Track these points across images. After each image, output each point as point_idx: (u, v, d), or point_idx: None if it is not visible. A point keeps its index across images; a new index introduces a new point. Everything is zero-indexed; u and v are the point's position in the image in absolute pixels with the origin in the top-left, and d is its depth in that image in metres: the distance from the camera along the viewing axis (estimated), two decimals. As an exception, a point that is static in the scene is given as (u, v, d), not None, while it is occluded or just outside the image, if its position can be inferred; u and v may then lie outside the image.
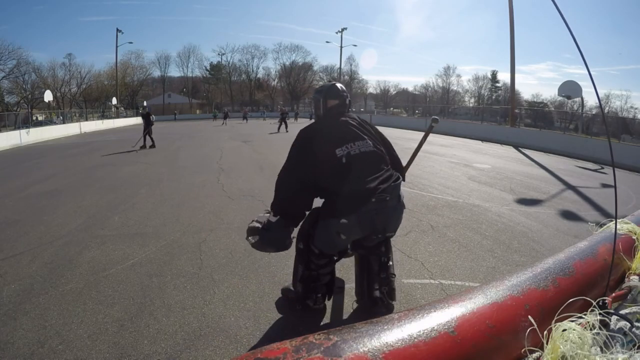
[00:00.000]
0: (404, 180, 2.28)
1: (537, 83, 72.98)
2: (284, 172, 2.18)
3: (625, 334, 0.63)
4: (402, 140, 15.80)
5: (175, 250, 3.60)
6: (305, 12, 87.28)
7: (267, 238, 2.12)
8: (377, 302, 2.23)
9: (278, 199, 2.17)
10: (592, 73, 0.64)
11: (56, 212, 4.97)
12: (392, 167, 2.20)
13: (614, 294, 0.81)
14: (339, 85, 2.40)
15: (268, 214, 2.18)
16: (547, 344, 0.59)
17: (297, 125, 25.01)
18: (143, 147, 12.69)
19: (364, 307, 2.38)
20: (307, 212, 2.21)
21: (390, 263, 2.31)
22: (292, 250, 2.35)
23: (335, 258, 2.34)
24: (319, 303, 2.35)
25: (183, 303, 2.62)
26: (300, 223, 2.25)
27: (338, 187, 2.00)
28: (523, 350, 0.59)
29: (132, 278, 3.01)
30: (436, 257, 3.44)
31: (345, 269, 3.07)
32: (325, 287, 2.34)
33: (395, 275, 2.35)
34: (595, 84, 0.68)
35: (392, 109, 55.15)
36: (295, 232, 2.29)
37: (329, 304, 2.53)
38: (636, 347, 0.61)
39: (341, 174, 2.00)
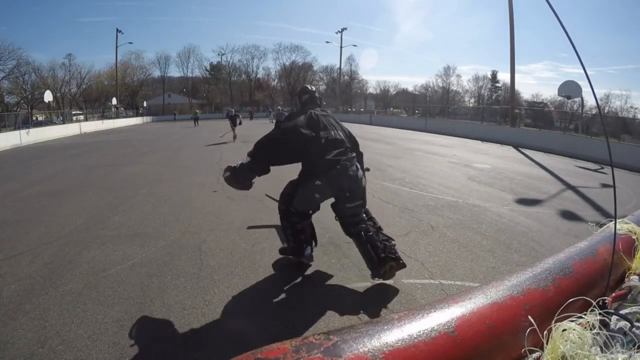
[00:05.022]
0: (360, 158, 3.07)
1: (535, 83, 72.86)
2: (269, 140, 2.74)
3: (625, 333, 0.63)
4: (402, 140, 15.79)
5: (175, 250, 3.60)
6: (305, 13, 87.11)
7: (236, 174, 2.74)
8: (387, 260, 2.68)
9: (257, 154, 2.73)
10: (590, 73, 0.64)
11: (56, 213, 4.97)
12: (352, 149, 2.95)
13: (614, 294, 0.81)
14: (311, 86, 3.27)
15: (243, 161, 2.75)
16: (547, 344, 0.59)
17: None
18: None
19: (378, 274, 2.72)
20: (269, 170, 2.81)
21: (382, 229, 2.92)
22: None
23: (310, 212, 3.04)
24: (309, 259, 3.08)
25: (183, 303, 2.62)
26: (282, 191, 3.01)
27: (317, 157, 2.72)
28: (523, 350, 0.59)
29: (132, 278, 3.01)
30: (436, 257, 3.44)
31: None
32: (310, 238, 3.05)
33: (392, 240, 2.87)
34: (594, 84, 0.68)
35: (392, 109, 55.12)
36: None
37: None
38: (636, 347, 0.61)
39: (320, 149, 2.72)
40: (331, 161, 2.70)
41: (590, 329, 0.59)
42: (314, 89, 3.18)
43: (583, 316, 0.62)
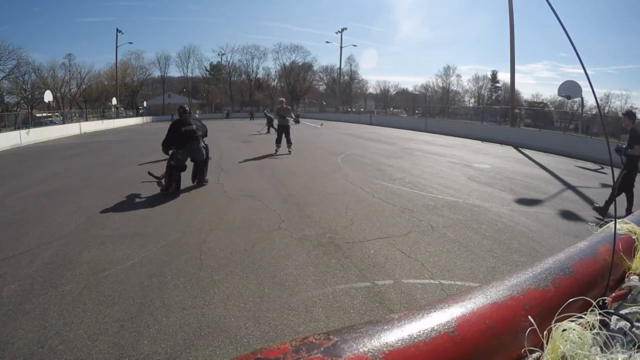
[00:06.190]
0: (205, 143, 6.46)
1: (535, 83, 72.90)
2: (167, 138, 6.10)
3: (625, 334, 0.63)
4: (402, 140, 15.80)
5: (175, 250, 3.60)
6: (305, 13, 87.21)
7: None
8: (204, 183, 6.58)
9: (164, 143, 6.14)
10: (590, 73, 0.64)
11: (56, 213, 4.98)
12: (202, 135, 6.40)
13: (614, 294, 0.81)
14: (185, 105, 6.64)
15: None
16: (547, 344, 0.59)
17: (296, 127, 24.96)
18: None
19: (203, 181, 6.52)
20: (170, 152, 6.11)
21: (206, 170, 6.65)
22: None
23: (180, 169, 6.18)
24: (173, 189, 5.98)
25: (183, 303, 2.63)
26: (170, 153, 6.08)
27: (181, 140, 6.09)
28: (523, 350, 0.59)
29: (132, 278, 3.01)
30: (436, 257, 3.45)
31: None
32: (176, 183, 6.03)
33: (207, 177, 6.65)
34: (594, 84, 0.68)
35: (392, 109, 55.11)
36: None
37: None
38: (636, 347, 0.61)
39: (182, 136, 6.10)
40: (186, 143, 6.05)
41: (590, 329, 0.59)
42: (186, 106, 6.48)
43: (583, 316, 0.62)
